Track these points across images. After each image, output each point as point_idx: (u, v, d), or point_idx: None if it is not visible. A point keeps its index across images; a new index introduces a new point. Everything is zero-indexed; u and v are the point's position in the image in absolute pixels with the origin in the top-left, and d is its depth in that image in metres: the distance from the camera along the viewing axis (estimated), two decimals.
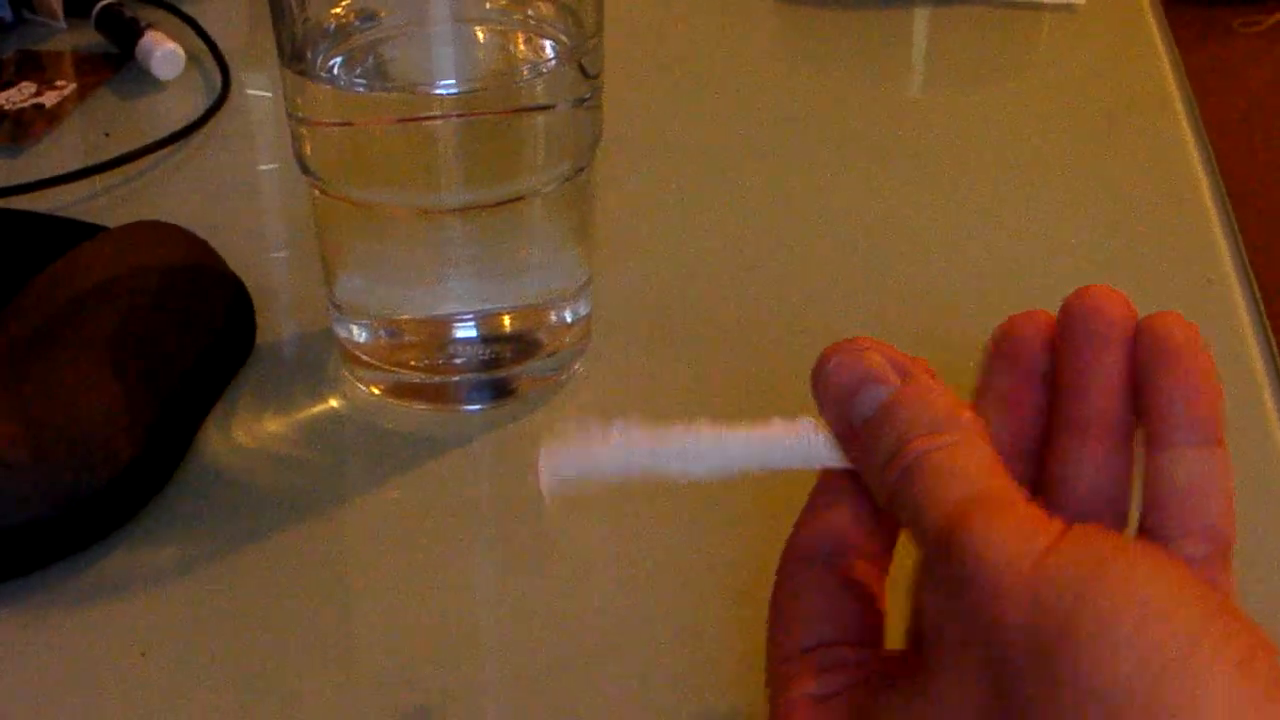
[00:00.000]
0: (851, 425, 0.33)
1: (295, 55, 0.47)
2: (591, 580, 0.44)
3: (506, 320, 0.50)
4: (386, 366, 0.50)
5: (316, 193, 0.49)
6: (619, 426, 0.39)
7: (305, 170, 0.49)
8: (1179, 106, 0.69)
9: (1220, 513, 0.32)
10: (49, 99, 0.71)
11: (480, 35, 0.50)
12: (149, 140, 0.66)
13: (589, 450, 0.38)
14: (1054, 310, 0.33)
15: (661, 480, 0.39)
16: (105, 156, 0.64)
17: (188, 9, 0.77)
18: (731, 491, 0.47)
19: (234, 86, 0.71)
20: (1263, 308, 0.55)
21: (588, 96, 0.48)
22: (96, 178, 0.64)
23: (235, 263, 0.54)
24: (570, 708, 0.40)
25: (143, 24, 0.74)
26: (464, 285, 0.49)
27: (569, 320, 0.51)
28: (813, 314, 0.55)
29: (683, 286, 0.57)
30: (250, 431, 0.50)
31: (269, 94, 0.72)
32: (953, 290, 0.56)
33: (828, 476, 0.34)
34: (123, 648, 0.42)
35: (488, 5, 0.50)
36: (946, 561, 0.28)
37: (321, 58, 0.47)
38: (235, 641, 0.42)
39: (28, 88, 0.72)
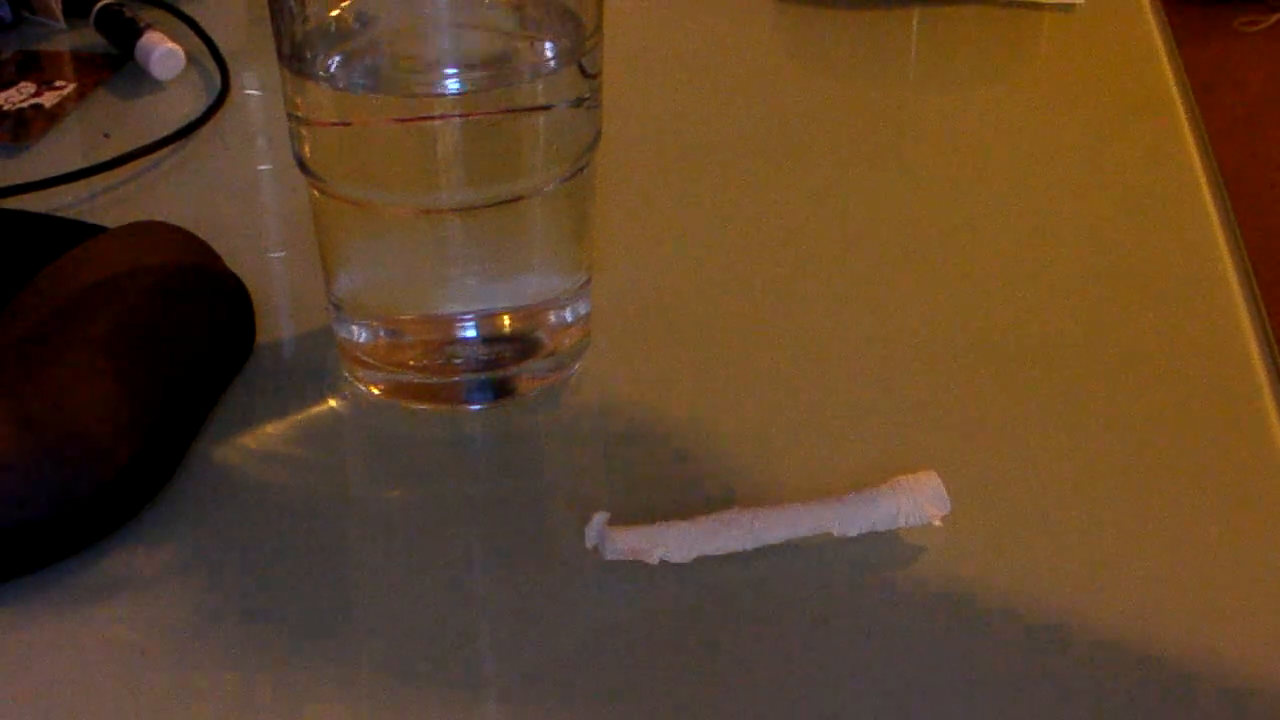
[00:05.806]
0: None
1: (295, 55, 0.47)
2: (592, 580, 0.44)
3: (506, 320, 0.50)
4: (386, 366, 0.51)
5: (316, 193, 0.49)
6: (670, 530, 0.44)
7: (305, 170, 0.49)
8: (1179, 106, 0.69)
9: None
10: (48, 99, 0.71)
11: (480, 35, 0.50)
12: (149, 140, 0.66)
13: (644, 532, 0.43)
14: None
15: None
16: (105, 156, 0.64)
17: (187, 9, 0.78)
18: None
19: (234, 86, 0.71)
20: (1263, 308, 0.55)
21: (587, 96, 0.48)
22: (96, 178, 0.64)
23: (235, 263, 0.54)
24: (570, 707, 0.40)
25: (142, 24, 0.74)
26: (464, 285, 0.49)
27: (569, 320, 0.51)
28: (813, 313, 0.55)
29: (683, 286, 0.57)
30: (250, 431, 0.50)
31: (269, 94, 0.72)
32: (952, 290, 0.56)
33: None
34: (123, 648, 0.42)
35: (487, 5, 0.50)
36: None
37: (321, 58, 0.47)
38: (235, 641, 0.42)
39: (27, 88, 0.72)
